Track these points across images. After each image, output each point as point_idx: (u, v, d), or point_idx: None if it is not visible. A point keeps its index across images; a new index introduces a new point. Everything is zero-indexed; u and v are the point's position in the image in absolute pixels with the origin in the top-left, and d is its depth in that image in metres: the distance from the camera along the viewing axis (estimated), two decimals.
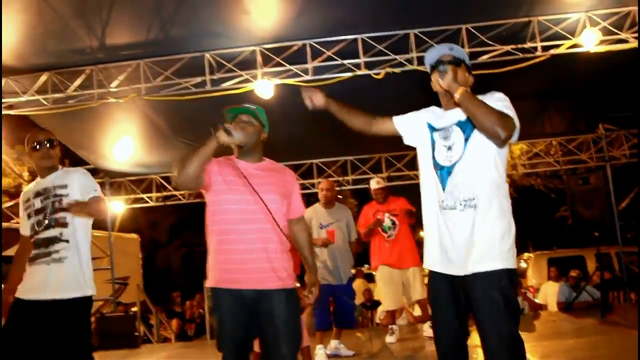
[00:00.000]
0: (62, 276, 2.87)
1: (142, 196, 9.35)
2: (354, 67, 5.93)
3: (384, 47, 5.85)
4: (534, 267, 10.99)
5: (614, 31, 5.72)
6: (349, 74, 5.89)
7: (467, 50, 5.78)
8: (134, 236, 12.24)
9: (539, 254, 11.71)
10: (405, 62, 5.90)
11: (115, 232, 8.87)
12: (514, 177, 15.84)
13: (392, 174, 9.06)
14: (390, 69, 5.89)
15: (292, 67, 5.92)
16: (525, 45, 5.83)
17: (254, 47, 5.87)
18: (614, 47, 5.77)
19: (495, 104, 2.18)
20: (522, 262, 12.54)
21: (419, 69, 5.71)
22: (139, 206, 9.71)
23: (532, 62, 5.86)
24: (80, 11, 5.17)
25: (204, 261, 2.66)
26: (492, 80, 5.93)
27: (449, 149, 2.30)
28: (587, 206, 6.87)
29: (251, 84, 6.01)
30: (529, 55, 5.85)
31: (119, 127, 7.30)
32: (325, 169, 9.14)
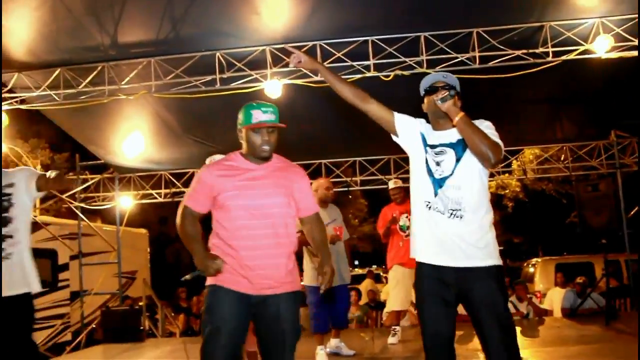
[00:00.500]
0: (8, 273, 2.91)
1: (151, 192, 9.42)
2: (363, 69, 5.94)
3: (394, 50, 5.84)
4: (541, 272, 10.93)
5: (628, 37, 5.65)
6: (359, 76, 5.89)
7: (477, 54, 5.79)
8: (143, 231, 12.29)
9: (547, 260, 11.65)
10: (415, 65, 5.89)
11: (123, 227, 8.94)
12: (525, 181, 15.81)
13: (401, 176, 9.03)
14: (399, 72, 5.90)
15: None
16: (536, 50, 5.78)
17: (264, 47, 5.90)
18: (627, 54, 5.71)
19: (486, 130, 2.40)
20: (530, 267, 12.48)
21: (428, 72, 5.68)
22: (148, 202, 9.80)
23: (544, 67, 5.82)
24: (92, 9, 5.25)
25: None
26: (504, 85, 5.95)
27: (438, 164, 2.51)
28: (595, 213, 6.81)
29: (260, 83, 6.05)
30: (539, 60, 5.81)
31: (129, 124, 7.37)
32: (334, 169, 9.14)
